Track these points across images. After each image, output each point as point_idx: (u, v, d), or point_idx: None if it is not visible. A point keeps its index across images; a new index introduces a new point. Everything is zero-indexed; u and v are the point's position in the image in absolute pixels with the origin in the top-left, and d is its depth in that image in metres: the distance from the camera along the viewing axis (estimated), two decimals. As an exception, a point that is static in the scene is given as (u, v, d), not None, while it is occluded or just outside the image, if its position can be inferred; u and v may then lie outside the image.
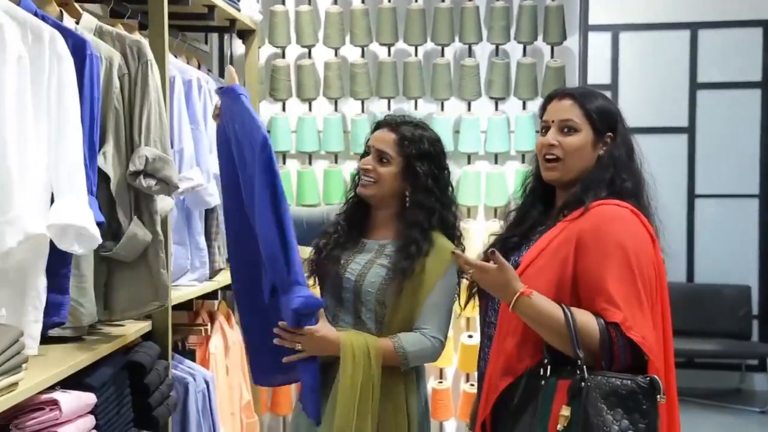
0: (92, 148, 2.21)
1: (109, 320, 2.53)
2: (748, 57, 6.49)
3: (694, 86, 6.59)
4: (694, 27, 6.55)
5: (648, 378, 1.86)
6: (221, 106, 2.42)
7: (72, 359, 2.13)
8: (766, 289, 6.54)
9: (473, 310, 2.42)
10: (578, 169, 2.09)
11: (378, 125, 2.49)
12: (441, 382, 4.30)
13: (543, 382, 1.94)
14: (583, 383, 1.86)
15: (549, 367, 1.94)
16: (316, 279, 2.49)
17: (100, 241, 2.07)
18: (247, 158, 2.30)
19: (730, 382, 6.57)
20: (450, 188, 2.47)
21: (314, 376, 2.30)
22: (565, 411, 1.86)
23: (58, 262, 2.07)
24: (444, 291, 2.38)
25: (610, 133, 2.11)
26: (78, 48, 2.15)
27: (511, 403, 1.98)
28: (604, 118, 2.11)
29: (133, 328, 2.60)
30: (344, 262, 2.42)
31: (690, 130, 6.60)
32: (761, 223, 6.55)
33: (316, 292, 2.44)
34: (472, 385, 4.25)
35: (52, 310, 2.08)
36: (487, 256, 2.06)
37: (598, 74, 6.37)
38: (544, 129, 2.15)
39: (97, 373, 2.25)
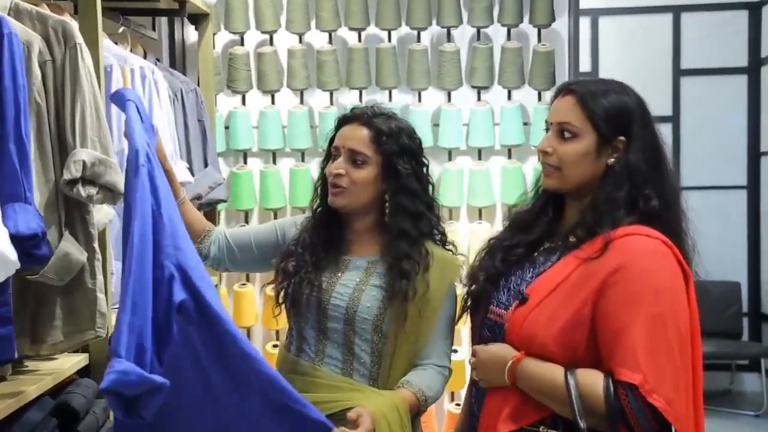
0: (22, 147, 1.93)
1: (37, 355, 2.24)
2: (733, 41, 6.36)
3: (678, 73, 6.48)
4: (676, 10, 6.42)
5: None
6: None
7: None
8: (756, 286, 6.42)
9: (462, 325, 2.20)
10: (578, 180, 1.85)
11: (344, 120, 2.16)
12: (459, 405, 3.99)
13: None
14: None
15: None
16: (290, 309, 2.14)
17: (18, 266, 1.77)
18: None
19: (720, 384, 6.45)
20: (431, 186, 2.19)
21: None
22: None
23: (-9, 290, 1.86)
24: (449, 311, 2.14)
25: (621, 137, 1.81)
26: (-9, 27, 1.89)
27: None
28: (613, 120, 1.81)
29: (66, 363, 2.34)
30: (327, 286, 2.09)
31: (674, 119, 6.47)
32: (749, 216, 6.40)
33: (283, 321, 2.06)
34: (458, 404, 4.04)
35: (-6, 346, 1.92)
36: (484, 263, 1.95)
37: (579, 61, 6.16)
38: (546, 129, 1.92)
39: (18, 425, 2.00)
